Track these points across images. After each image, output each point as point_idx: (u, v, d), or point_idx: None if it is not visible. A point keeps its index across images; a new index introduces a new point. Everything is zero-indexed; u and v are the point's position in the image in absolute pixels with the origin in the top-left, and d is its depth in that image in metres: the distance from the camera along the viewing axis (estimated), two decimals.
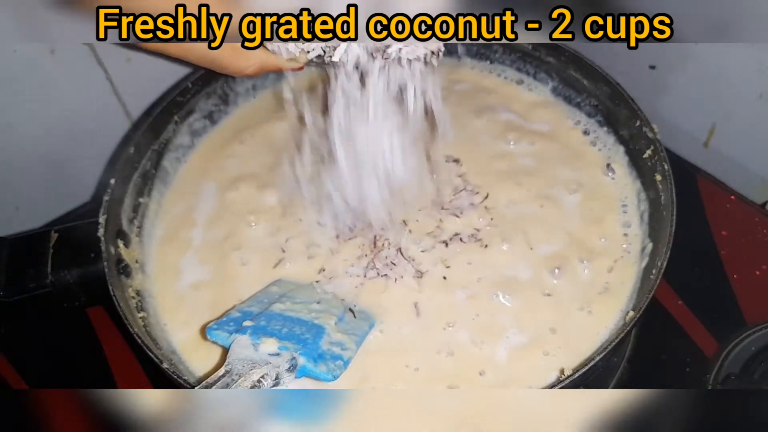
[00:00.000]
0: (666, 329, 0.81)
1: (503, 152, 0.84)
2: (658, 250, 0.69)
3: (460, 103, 0.90)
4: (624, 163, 0.81)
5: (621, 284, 0.72)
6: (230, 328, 0.63)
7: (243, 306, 0.68)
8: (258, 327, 0.62)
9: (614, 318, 0.70)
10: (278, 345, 0.60)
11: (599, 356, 0.61)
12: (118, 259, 0.73)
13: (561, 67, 0.87)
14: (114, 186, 0.75)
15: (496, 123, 0.87)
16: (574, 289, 0.72)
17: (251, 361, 0.58)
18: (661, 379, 0.78)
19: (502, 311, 0.71)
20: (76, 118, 0.93)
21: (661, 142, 0.75)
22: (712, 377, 0.75)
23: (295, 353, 0.60)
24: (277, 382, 0.58)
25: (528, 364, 0.67)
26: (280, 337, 0.61)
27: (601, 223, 0.77)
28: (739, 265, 0.85)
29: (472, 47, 0.93)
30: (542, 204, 0.79)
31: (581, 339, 0.69)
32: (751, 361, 0.76)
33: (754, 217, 0.89)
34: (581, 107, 0.87)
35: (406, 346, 0.69)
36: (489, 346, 0.68)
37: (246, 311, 0.66)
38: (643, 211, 0.76)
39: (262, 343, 0.60)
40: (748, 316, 0.80)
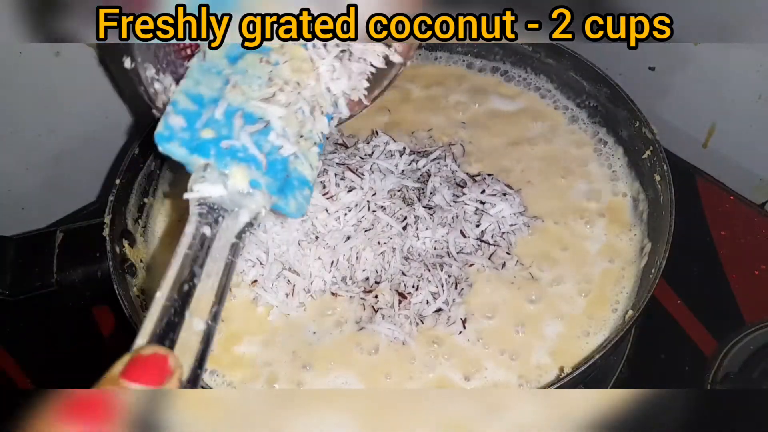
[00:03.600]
0: (665, 328, 0.81)
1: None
2: (658, 250, 0.69)
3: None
4: (623, 164, 0.82)
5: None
6: (185, 136, 0.53)
7: (189, 85, 0.56)
8: (222, 150, 0.52)
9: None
10: (249, 179, 0.52)
11: (599, 355, 0.62)
12: (123, 258, 0.74)
13: (560, 69, 0.88)
14: (119, 186, 0.76)
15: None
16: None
17: (221, 205, 0.51)
18: (660, 377, 0.78)
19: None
20: (82, 118, 0.94)
21: (661, 143, 0.75)
22: (710, 376, 0.76)
23: (267, 191, 0.53)
24: (251, 227, 0.52)
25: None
26: (246, 161, 0.52)
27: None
28: (738, 265, 0.85)
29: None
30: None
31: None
32: (750, 360, 0.76)
33: (753, 217, 0.89)
34: (581, 108, 0.88)
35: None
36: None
37: (197, 97, 0.55)
38: (642, 211, 0.77)
39: (231, 175, 0.52)
40: (746, 316, 0.80)
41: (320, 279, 0.72)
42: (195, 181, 0.51)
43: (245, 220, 0.51)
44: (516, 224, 0.76)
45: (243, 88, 0.55)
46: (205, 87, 0.55)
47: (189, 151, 0.52)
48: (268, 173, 0.53)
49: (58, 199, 0.99)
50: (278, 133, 0.54)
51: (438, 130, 0.87)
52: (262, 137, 0.54)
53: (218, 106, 0.54)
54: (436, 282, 0.71)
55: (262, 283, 0.72)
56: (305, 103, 0.57)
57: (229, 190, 0.51)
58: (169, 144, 0.52)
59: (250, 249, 0.72)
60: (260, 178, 0.52)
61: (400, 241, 0.73)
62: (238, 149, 0.52)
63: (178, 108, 0.54)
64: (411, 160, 0.80)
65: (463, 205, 0.75)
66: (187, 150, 0.52)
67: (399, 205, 0.74)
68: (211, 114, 0.53)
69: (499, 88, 0.92)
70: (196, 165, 0.52)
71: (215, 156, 0.52)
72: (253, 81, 0.55)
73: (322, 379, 0.68)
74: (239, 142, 0.52)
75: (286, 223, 0.71)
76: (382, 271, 0.72)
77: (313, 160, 0.57)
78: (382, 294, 0.71)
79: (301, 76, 0.57)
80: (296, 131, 0.56)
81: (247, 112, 0.54)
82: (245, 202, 0.52)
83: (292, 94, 0.57)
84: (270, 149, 0.54)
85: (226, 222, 0.50)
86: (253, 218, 0.52)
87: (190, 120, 0.53)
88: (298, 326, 0.71)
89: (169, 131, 0.52)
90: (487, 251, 0.75)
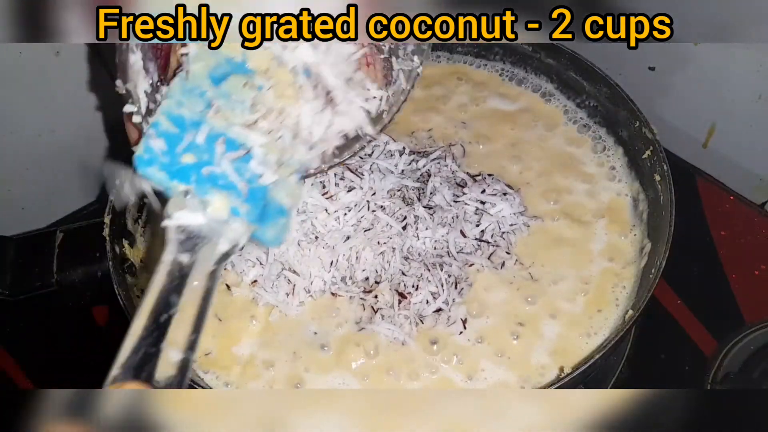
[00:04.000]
0: (665, 328, 0.81)
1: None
2: (658, 250, 0.69)
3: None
4: (623, 164, 0.82)
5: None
6: (165, 161, 0.51)
7: (171, 106, 0.54)
8: (202, 177, 0.51)
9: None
10: (229, 207, 0.51)
11: (599, 355, 0.62)
12: (123, 258, 0.74)
13: (560, 69, 0.88)
14: (119, 186, 0.76)
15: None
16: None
17: (199, 232, 0.50)
18: (660, 377, 0.79)
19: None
20: (82, 118, 0.94)
21: (660, 143, 0.75)
22: (711, 376, 0.76)
23: (246, 219, 0.52)
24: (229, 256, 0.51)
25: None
26: (227, 188, 0.51)
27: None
28: (738, 265, 0.85)
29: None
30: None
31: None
32: (750, 360, 0.76)
33: (752, 218, 0.89)
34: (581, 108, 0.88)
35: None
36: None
37: (179, 118, 0.54)
38: (642, 211, 0.77)
39: (211, 202, 0.51)
40: (746, 316, 0.81)
41: (320, 279, 0.72)
42: (174, 208, 0.51)
43: (224, 249, 0.51)
44: (516, 224, 0.76)
45: (226, 113, 0.54)
46: (186, 109, 0.54)
47: (169, 176, 0.51)
48: (247, 201, 0.52)
49: (58, 199, 0.99)
50: (259, 160, 0.54)
51: (438, 130, 0.87)
52: (243, 164, 0.53)
53: (200, 131, 0.53)
54: (436, 282, 0.71)
55: (262, 283, 0.72)
56: (287, 130, 0.56)
57: (208, 217, 0.50)
58: (149, 168, 0.51)
59: (250, 249, 0.72)
60: (240, 206, 0.51)
61: (400, 240, 0.73)
62: (219, 176, 0.52)
63: (159, 130, 0.53)
64: (411, 160, 0.80)
65: (463, 204, 0.75)
66: (166, 175, 0.51)
67: (399, 204, 0.74)
68: (193, 138, 0.53)
69: (499, 88, 0.92)
70: (176, 190, 0.51)
71: (195, 182, 0.51)
72: (236, 106, 0.54)
73: (322, 380, 0.68)
74: (220, 169, 0.52)
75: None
76: (382, 271, 0.72)
77: (292, 188, 0.57)
78: (382, 294, 0.71)
79: (284, 103, 0.56)
80: (277, 159, 0.55)
81: (229, 138, 0.53)
82: (224, 230, 0.51)
83: (275, 122, 0.56)
84: (250, 177, 0.53)
85: (204, 250, 0.50)
86: (232, 246, 0.51)
87: (170, 143, 0.52)
88: (298, 326, 0.71)
89: (149, 154, 0.51)
90: (487, 251, 0.75)
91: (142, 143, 0.52)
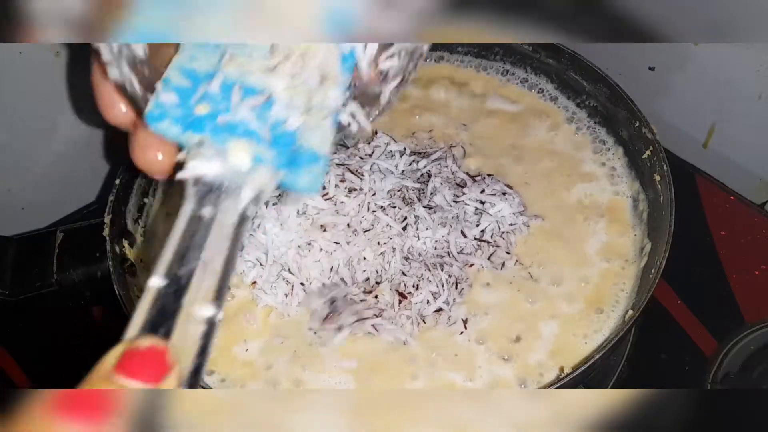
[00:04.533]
0: (665, 328, 0.81)
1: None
2: (658, 250, 0.69)
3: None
4: (623, 164, 0.82)
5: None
6: (177, 114, 0.48)
7: (183, 60, 0.50)
8: (219, 126, 0.47)
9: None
10: (251, 154, 0.47)
11: (598, 355, 0.62)
12: (123, 258, 0.74)
13: (560, 69, 0.88)
14: (119, 186, 0.76)
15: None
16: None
17: (220, 183, 0.46)
18: (660, 378, 0.79)
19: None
20: (82, 118, 0.94)
21: (660, 143, 0.75)
22: (711, 376, 0.76)
23: (272, 165, 0.48)
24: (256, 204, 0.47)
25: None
26: (247, 135, 0.47)
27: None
28: (738, 265, 0.85)
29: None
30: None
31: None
32: (750, 360, 0.76)
33: (753, 218, 0.89)
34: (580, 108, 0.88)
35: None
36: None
37: (191, 72, 0.50)
38: (642, 211, 0.77)
39: (230, 150, 0.47)
40: (747, 316, 0.81)
41: (318, 282, 0.72)
42: (189, 158, 0.47)
43: (249, 196, 0.46)
44: (516, 224, 0.76)
45: (241, 60, 0.50)
46: (200, 62, 0.50)
47: (182, 128, 0.47)
48: (273, 147, 0.48)
49: (58, 199, 0.99)
50: (283, 104, 0.49)
51: (438, 131, 0.87)
52: (265, 111, 0.49)
53: (214, 79, 0.49)
54: (437, 282, 0.71)
55: (261, 285, 0.72)
56: (314, 71, 0.51)
57: (228, 166, 0.46)
58: (160, 123, 0.47)
59: (249, 250, 0.72)
60: (264, 153, 0.47)
61: (400, 241, 0.73)
62: (238, 125, 0.48)
63: (171, 85, 0.49)
64: (411, 161, 0.80)
65: (463, 205, 0.75)
66: (180, 127, 0.47)
67: (399, 205, 0.74)
68: (207, 88, 0.49)
69: (500, 89, 0.92)
70: (191, 142, 0.47)
71: (211, 131, 0.47)
72: (253, 51, 0.50)
73: (322, 380, 0.68)
74: (238, 117, 0.48)
75: (286, 225, 0.71)
76: (382, 272, 0.72)
77: (325, 132, 0.51)
78: (382, 294, 0.71)
79: (307, 46, 0.51)
80: (304, 102, 0.51)
81: (246, 87, 0.49)
82: (248, 180, 0.47)
83: (297, 65, 0.51)
84: (274, 122, 0.49)
85: (227, 202, 0.46)
86: (258, 194, 0.47)
87: (183, 97, 0.48)
88: (298, 326, 0.71)
89: (160, 110, 0.47)
90: (487, 251, 0.75)
91: (152, 100, 0.48)
